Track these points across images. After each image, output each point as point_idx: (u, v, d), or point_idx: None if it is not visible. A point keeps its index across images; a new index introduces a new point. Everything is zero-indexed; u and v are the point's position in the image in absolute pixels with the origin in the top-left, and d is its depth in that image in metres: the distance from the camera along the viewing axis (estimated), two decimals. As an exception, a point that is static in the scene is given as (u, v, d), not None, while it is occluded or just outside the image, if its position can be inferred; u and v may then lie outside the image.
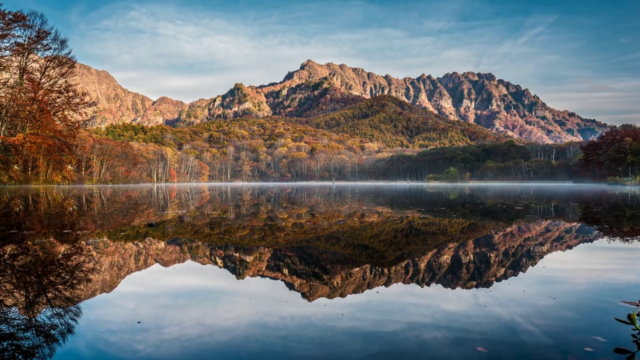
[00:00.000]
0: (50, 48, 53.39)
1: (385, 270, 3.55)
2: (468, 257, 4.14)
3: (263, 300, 2.68)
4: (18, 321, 2.23)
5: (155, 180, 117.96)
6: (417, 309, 2.47)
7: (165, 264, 3.88)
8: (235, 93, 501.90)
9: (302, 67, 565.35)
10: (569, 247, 4.84)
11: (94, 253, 4.27)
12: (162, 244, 4.92)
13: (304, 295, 2.82)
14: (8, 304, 2.51)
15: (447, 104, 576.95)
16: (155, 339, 1.99)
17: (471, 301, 2.63)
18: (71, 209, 10.80)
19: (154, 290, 2.95)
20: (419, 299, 2.72)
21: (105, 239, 5.33)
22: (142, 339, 1.99)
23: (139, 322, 2.23)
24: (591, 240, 5.31)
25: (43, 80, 54.03)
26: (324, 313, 2.40)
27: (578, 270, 3.56)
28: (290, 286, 3.06)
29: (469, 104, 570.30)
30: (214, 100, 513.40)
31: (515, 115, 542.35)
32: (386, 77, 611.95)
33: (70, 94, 55.54)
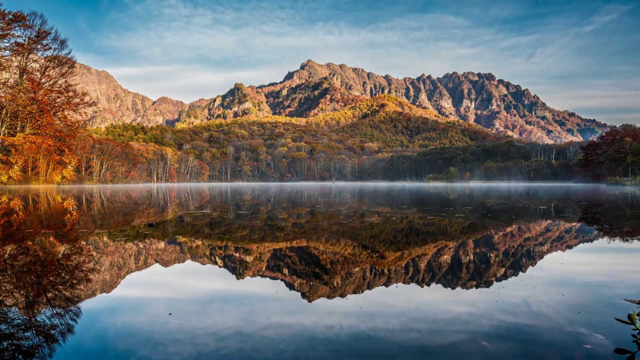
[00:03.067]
0: (50, 48, 53.45)
1: (385, 270, 3.54)
2: (468, 257, 4.14)
3: (263, 300, 2.68)
4: (18, 321, 2.22)
5: (155, 180, 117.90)
6: (418, 309, 2.47)
7: (165, 264, 3.88)
8: (235, 93, 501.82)
9: (302, 67, 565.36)
10: (570, 246, 4.84)
11: (94, 253, 4.27)
12: (162, 244, 4.92)
13: (303, 295, 2.82)
14: (8, 304, 2.50)
15: (447, 104, 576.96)
16: (153, 341, 1.99)
17: (472, 300, 2.63)
18: (71, 209, 10.80)
19: (153, 291, 2.95)
20: (420, 298, 2.72)
21: (105, 239, 5.33)
22: (142, 339, 1.99)
23: (137, 326, 2.23)
24: (591, 240, 5.31)
25: (43, 80, 54.05)
26: (323, 313, 2.40)
27: (581, 270, 3.55)
28: (290, 286, 3.06)
29: (469, 104, 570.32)
30: (214, 100, 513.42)
31: (515, 115, 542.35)
32: (386, 77, 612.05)
33: (70, 94, 55.57)
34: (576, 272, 3.47)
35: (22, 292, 2.77)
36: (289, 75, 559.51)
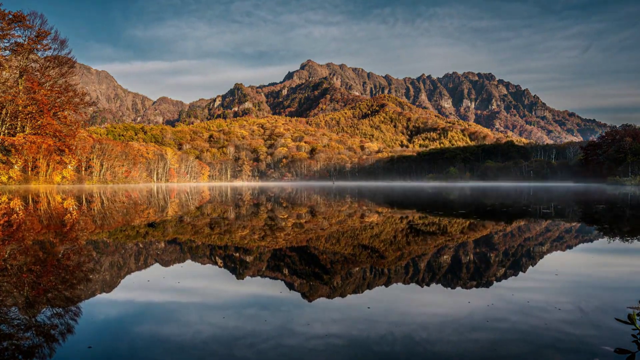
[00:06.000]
0: (50, 48, 53.41)
1: (385, 270, 3.54)
2: (468, 258, 4.13)
3: (262, 300, 2.68)
4: (18, 321, 2.22)
5: (155, 180, 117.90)
6: (417, 312, 2.47)
7: (165, 264, 3.87)
8: (235, 93, 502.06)
9: (302, 67, 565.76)
10: (570, 247, 4.84)
11: (94, 253, 4.26)
12: (162, 244, 4.92)
13: (304, 295, 2.82)
14: (8, 304, 2.50)
15: (447, 104, 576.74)
16: (153, 341, 1.99)
17: (472, 301, 2.63)
18: (71, 209, 10.80)
19: (153, 291, 2.94)
20: (419, 300, 2.72)
21: (105, 239, 5.32)
22: (140, 340, 2.00)
23: (135, 325, 2.23)
24: (591, 241, 5.31)
25: (43, 80, 54.00)
26: (324, 314, 2.39)
27: (584, 273, 3.55)
28: (291, 286, 3.06)
29: (469, 104, 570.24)
30: (214, 100, 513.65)
31: (515, 115, 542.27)
32: (386, 77, 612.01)
33: (70, 93, 55.53)
34: (577, 273, 3.47)
35: (22, 292, 2.77)
36: (289, 75, 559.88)
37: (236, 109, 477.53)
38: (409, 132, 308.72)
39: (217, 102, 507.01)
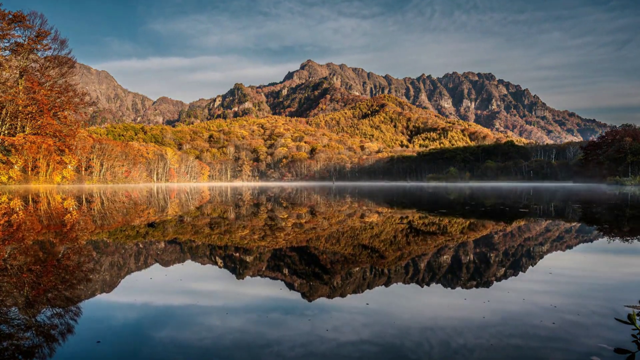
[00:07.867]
0: (50, 48, 53.45)
1: (385, 270, 3.54)
2: (468, 258, 4.13)
3: (261, 299, 2.68)
4: (18, 321, 2.22)
5: (155, 180, 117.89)
6: (416, 311, 2.47)
7: (165, 264, 3.87)
8: (235, 93, 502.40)
9: (302, 67, 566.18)
10: (570, 247, 4.84)
11: (94, 253, 4.27)
12: (162, 244, 4.92)
13: (304, 295, 2.83)
14: (8, 304, 2.50)
15: (447, 104, 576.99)
16: (153, 342, 1.99)
17: (471, 303, 2.63)
18: (71, 209, 10.80)
19: (151, 291, 2.95)
20: (417, 299, 2.72)
21: (105, 239, 5.33)
22: (140, 341, 2.00)
23: (133, 325, 2.23)
24: (591, 240, 5.31)
25: (43, 80, 54.00)
26: (323, 314, 2.40)
27: (583, 274, 3.55)
28: (291, 286, 3.06)
29: (469, 104, 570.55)
30: (214, 100, 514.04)
31: (515, 115, 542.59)
32: (386, 77, 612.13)
33: (70, 93, 55.56)
34: (576, 274, 3.47)
35: (22, 292, 2.77)
36: (289, 75, 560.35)
37: (236, 109, 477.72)
38: (409, 132, 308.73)
39: (217, 102, 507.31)
